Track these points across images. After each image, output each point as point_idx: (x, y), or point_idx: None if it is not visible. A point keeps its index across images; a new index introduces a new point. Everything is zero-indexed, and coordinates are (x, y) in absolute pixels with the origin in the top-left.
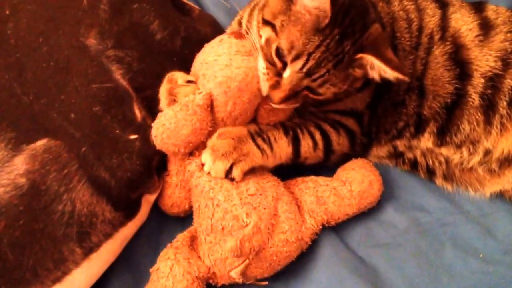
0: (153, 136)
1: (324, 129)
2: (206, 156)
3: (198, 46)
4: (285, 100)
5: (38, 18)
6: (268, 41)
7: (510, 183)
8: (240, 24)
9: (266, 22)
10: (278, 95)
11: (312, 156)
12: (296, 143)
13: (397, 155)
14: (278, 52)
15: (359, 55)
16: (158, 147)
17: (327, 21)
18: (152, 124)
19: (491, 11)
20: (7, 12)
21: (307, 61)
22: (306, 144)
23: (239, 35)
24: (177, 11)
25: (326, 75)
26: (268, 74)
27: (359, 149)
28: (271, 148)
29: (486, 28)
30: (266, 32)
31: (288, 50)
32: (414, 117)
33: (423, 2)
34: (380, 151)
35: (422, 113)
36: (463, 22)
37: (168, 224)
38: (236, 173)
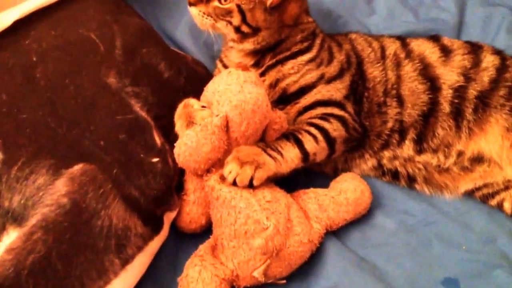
0: (175, 155)
1: (316, 123)
2: (232, 166)
3: (198, 83)
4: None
5: (63, 63)
6: None
7: (481, 178)
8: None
9: None
10: None
11: (318, 150)
12: (299, 143)
13: (378, 167)
14: None
15: None
16: (180, 164)
17: None
18: (175, 144)
19: (446, 40)
20: (34, 59)
21: None
22: (308, 141)
23: (244, 68)
24: None
25: None
26: None
27: (355, 133)
28: (281, 154)
29: (445, 51)
30: None
31: None
32: (397, 123)
33: (380, 36)
34: (365, 165)
35: (403, 120)
36: (425, 47)
37: (184, 242)
38: (257, 178)
